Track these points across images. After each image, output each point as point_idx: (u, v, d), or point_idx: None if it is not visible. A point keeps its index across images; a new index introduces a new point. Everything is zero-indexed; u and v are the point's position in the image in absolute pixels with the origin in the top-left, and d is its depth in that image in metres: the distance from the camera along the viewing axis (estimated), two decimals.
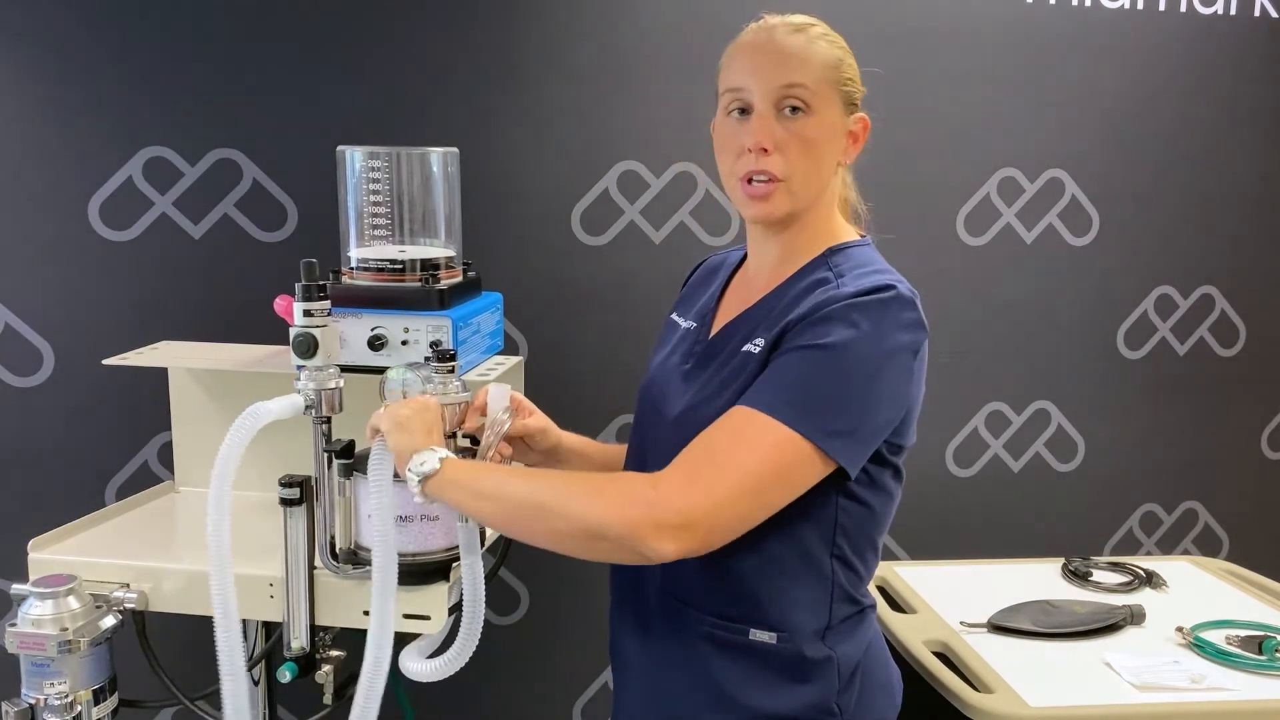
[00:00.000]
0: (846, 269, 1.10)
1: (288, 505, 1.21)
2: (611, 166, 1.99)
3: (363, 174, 1.56)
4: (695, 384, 1.15)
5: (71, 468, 1.88)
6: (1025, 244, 2.17)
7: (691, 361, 1.18)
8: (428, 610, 1.24)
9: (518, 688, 2.09)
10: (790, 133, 1.09)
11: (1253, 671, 1.47)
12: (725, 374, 1.11)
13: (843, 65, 1.12)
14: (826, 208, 1.16)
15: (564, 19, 1.94)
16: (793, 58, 1.09)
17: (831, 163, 1.13)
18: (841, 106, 1.12)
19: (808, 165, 1.10)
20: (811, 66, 1.09)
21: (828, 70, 1.10)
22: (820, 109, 1.09)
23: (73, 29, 1.80)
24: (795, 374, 1.02)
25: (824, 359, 1.01)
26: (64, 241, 1.84)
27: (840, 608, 1.12)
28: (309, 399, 1.19)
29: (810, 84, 1.08)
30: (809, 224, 1.15)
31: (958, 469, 2.21)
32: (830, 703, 1.11)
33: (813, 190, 1.12)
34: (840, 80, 1.11)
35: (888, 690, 1.20)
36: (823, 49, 1.10)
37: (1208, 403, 2.28)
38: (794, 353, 1.03)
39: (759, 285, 1.17)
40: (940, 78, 2.06)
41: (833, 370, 1.01)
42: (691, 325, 1.23)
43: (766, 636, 1.10)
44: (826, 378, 1.01)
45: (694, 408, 1.11)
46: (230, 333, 1.77)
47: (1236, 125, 2.20)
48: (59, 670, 1.21)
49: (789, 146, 1.09)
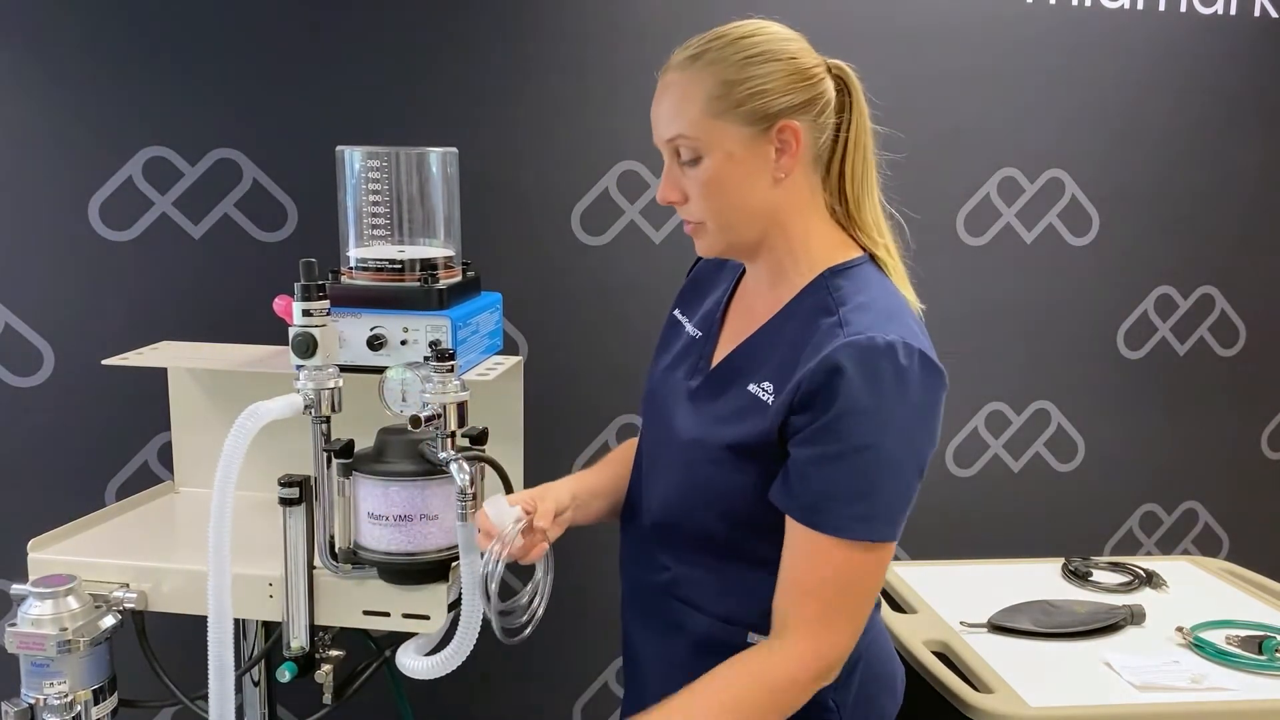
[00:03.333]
0: (847, 295, 1.06)
1: (287, 505, 1.21)
2: (611, 166, 1.99)
3: (362, 174, 1.56)
4: (702, 411, 1.14)
5: (71, 468, 1.88)
6: (1025, 244, 2.17)
7: (698, 381, 1.17)
8: (427, 610, 1.24)
9: (518, 688, 2.09)
10: (690, 179, 1.08)
11: (1253, 671, 1.47)
12: (731, 409, 1.10)
13: (737, 85, 1.04)
14: (801, 224, 1.10)
15: (564, 19, 1.95)
16: (670, 107, 1.07)
17: (750, 190, 1.07)
18: (745, 128, 1.05)
19: (716, 204, 1.08)
20: (690, 109, 1.05)
21: (713, 102, 1.04)
22: (711, 148, 1.05)
23: (73, 29, 1.80)
24: (846, 487, 1.01)
25: (864, 464, 1.01)
26: (64, 241, 1.84)
27: None
28: (308, 399, 1.19)
29: (690, 131, 1.05)
30: (783, 244, 1.11)
31: (958, 469, 2.21)
32: (826, 699, 1.11)
33: (740, 223, 1.09)
34: (736, 102, 1.04)
35: (890, 686, 1.21)
36: (709, 79, 1.05)
37: (1208, 403, 2.28)
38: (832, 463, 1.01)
39: (759, 308, 1.15)
40: (940, 78, 2.06)
41: (876, 472, 1.01)
42: (697, 335, 1.22)
43: (764, 639, 1.11)
44: (874, 480, 1.02)
45: (701, 441, 1.12)
46: (230, 333, 1.77)
47: (1236, 125, 2.20)
48: (59, 670, 1.21)
49: (693, 192, 1.08)
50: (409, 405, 1.18)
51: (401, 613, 1.25)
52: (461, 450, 1.20)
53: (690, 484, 1.13)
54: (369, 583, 1.25)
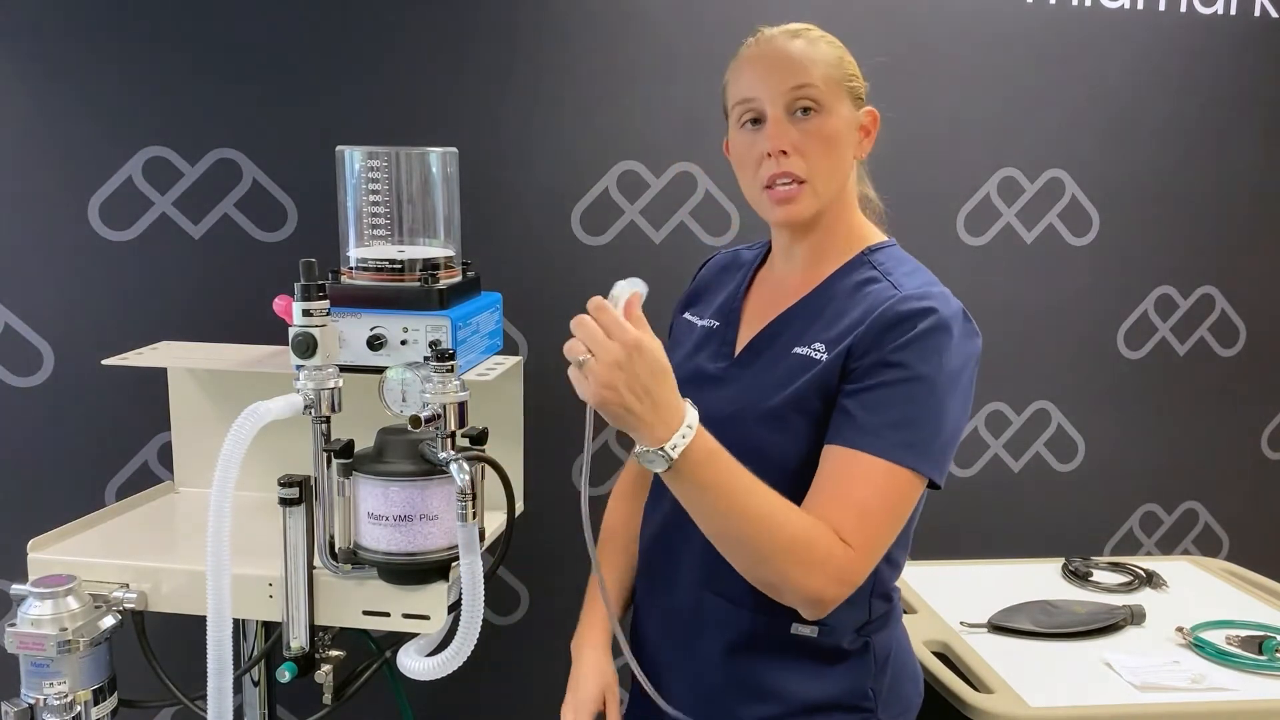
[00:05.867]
0: (892, 266, 1.14)
1: (287, 505, 1.21)
2: (611, 166, 1.99)
3: (362, 174, 1.56)
4: (739, 385, 1.15)
5: (71, 468, 1.88)
6: (1025, 244, 2.17)
7: (725, 361, 1.18)
8: (427, 610, 1.24)
9: (518, 688, 2.09)
10: (805, 133, 1.10)
11: (1253, 671, 1.47)
12: (778, 374, 1.11)
13: (844, 63, 1.14)
14: (849, 206, 1.18)
15: (565, 19, 1.94)
16: (797, 61, 1.11)
17: (848, 158, 1.15)
18: (850, 102, 1.14)
19: (827, 163, 1.11)
20: (816, 66, 1.11)
21: (832, 69, 1.12)
22: (832, 106, 1.11)
23: (73, 29, 1.80)
24: (900, 412, 1.04)
25: (915, 393, 1.04)
26: (64, 241, 1.84)
27: (878, 604, 1.17)
28: (308, 398, 1.19)
29: (818, 83, 1.10)
30: (834, 223, 1.17)
31: (958, 469, 2.21)
32: (866, 687, 1.14)
33: (835, 187, 1.14)
34: (845, 77, 1.13)
35: (915, 678, 1.25)
36: (824, 49, 1.13)
37: (1208, 403, 2.28)
38: (886, 388, 1.04)
39: (792, 286, 1.18)
40: (940, 78, 2.06)
41: (930, 401, 1.04)
42: (713, 324, 1.23)
43: (808, 630, 1.13)
44: (926, 410, 1.04)
45: (744, 409, 1.12)
46: (230, 333, 1.77)
47: (1236, 125, 2.20)
48: (58, 670, 1.21)
49: (807, 146, 1.10)
50: (409, 405, 1.18)
51: (401, 613, 1.25)
52: (461, 450, 1.20)
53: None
54: (369, 583, 1.25)
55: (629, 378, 0.91)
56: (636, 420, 0.93)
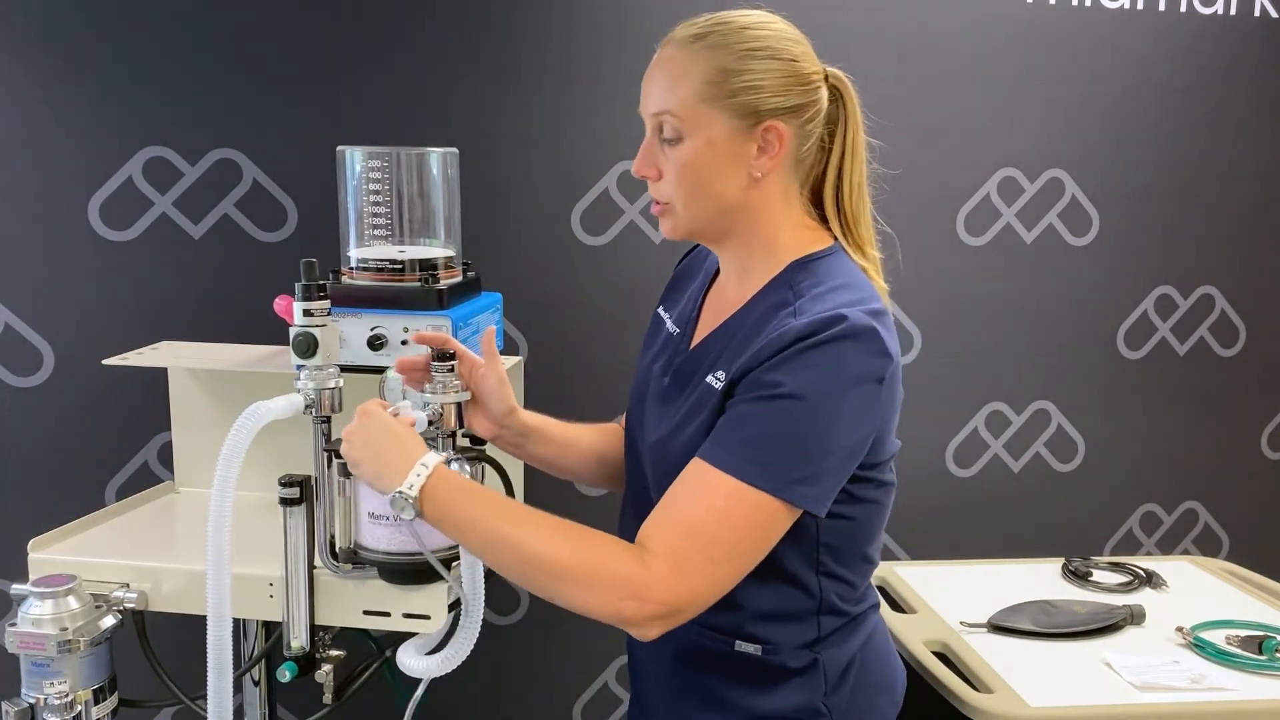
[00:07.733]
0: (807, 287, 1.05)
1: (287, 505, 1.21)
2: (611, 166, 1.99)
3: (362, 174, 1.56)
4: (668, 410, 1.13)
5: (71, 468, 1.88)
6: (1025, 244, 2.17)
7: (669, 378, 1.16)
8: (427, 610, 1.24)
9: (518, 688, 2.09)
10: (667, 158, 1.07)
11: (1253, 671, 1.47)
12: (690, 404, 1.09)
13: (737, 75, 1.03)
14: (767, 221, 1.09)
15: (564, 19, 1.95)
16: (663, 82, 1.06)
17: (728, 181, 1.06)
18: (732, 120, 1.04)
19: (687, 189, 1.07)
20: (682, 88, 1.04)
21: (707, 87, 1.03)
22: (694, 132, 1.04)
23: (73, 29, 1.80)
24: (753, 428, 0.98)
25: (779, 409, 0.97)
26: (64, 241, 1.84)
27: (829, 620, 1.11)
28: (309, 398, 1.19)
29: (678, 110, 1.04)
30: (748, 238, 1.10)
31: (958, 469, 2.21)
32: (817, 703, 1.10)
33: (704, 212, 1.08)
34: (729, 93, 1.03)
35: (888, 688, 1.19)
36: (706, 63, 1.03)
37: (1208, 403, 2.28)
38: (749, 404, 0.99)
39: (729, 300, 1.14)
40: (940, 78, 2.06)
41: (789, 419, 0.97)
42: (675, 331, 1.21)
43: (751, 648, 1.10)
44: (783, 427, 0.97)
45: (663, 441, 1.10)
46: (230, 333, 1.77)
47: (1236, 125, 2.20)
48: (59, 670, 1.21)
49: (667, 172, 1.07)
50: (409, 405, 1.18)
51: (402, 613, 1.24)
52: (462, 450, 1.20)
53: (658, 490, 1.07)
54: (369, 583, 1.25)
55: (358, 439, 1.08)
56: (369, 472, 1.07)
